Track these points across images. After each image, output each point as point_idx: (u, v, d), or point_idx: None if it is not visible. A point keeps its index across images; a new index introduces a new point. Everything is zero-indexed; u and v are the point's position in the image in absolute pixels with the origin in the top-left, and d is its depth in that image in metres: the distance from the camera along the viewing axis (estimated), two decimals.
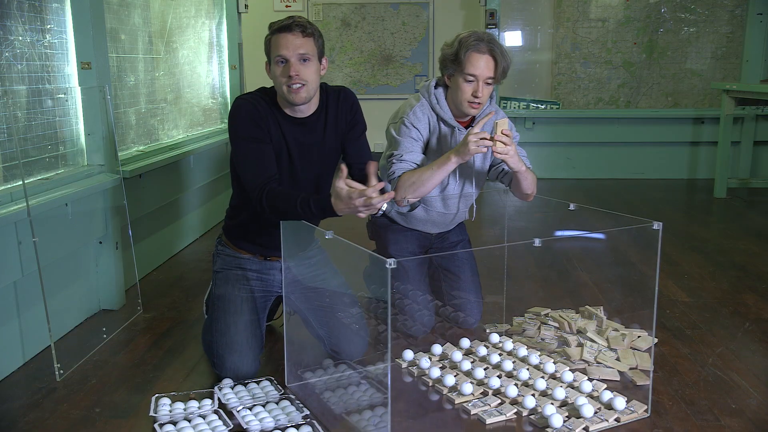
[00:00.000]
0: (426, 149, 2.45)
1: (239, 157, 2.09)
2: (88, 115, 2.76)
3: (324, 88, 2.20)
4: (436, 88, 2.44)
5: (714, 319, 2.71)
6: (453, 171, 2.33)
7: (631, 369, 2.25)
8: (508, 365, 2.22)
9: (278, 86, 2.07)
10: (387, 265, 1.54)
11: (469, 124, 2.45)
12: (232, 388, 2.07)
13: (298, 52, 2.02)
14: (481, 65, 2.28)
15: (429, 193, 2.37)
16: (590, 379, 2.15)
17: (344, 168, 1.88)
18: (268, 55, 2.09)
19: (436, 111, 2.42)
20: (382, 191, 1.84)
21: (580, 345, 2.38)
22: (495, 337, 2.46)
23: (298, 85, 2.03)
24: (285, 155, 2.14)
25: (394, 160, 2.38)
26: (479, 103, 2.34)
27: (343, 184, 1.84)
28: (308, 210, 1.92)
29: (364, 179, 2.24)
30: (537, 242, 1.86)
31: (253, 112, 2.07)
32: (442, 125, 2.43)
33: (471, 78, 2.29)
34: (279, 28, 2.03)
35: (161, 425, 1.87)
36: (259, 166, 2.05)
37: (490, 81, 2.32)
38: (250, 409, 1.95)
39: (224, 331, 2.12)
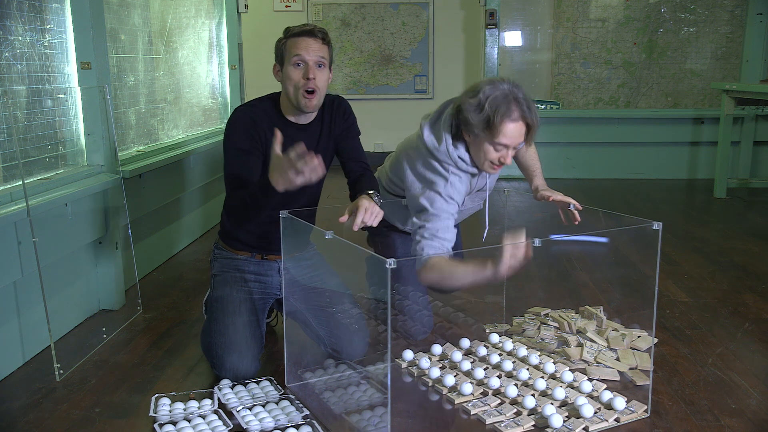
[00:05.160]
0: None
1: (227, 164, 2.17)
2: (88, 115, 2.76)
3: None
4: (455, 147, 2.20)
5: (714, 319, 2.71)
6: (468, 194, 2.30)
7: (630, 369, 2.25)
8: (507, 365, 2.22)
9: (291, 88, 2.09)
10: (387, 265, 1.54)
11: None
12: (232, 388, 2.07)
13: (318, 56, 2.07)
14: (516, 134, 2.08)
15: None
16: (590, 379, 2.15)
17: (278, 133, 1.89)
18: (281, 57, 2.12)
19: (457, 163, 2.21)
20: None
21: (580, 345, 2.38)
22: (495, 337, 2.46)
23: (312, 91, 2.07)
24: None
25: (425, 234, 2.13)
26: (501, 166, 2.17)
27: (278, 149, 1.85)
28: (255, 190, 1.96)
29: (357, 178, 2.26)
30: (537, 242, 1.86)
31: (249, 124, 2.12)
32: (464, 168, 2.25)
33: (501, 147, 2.11)
34: (301, 32, 2.08)
35: (161, 425, 1.87)
36: (241, 174, 2.10)
37: (518, 146, 2.14)
38: (250, 409, 1.95)
39: (223, 332, 2.12)
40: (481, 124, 2.08)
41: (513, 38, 6.33)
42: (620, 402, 1.96)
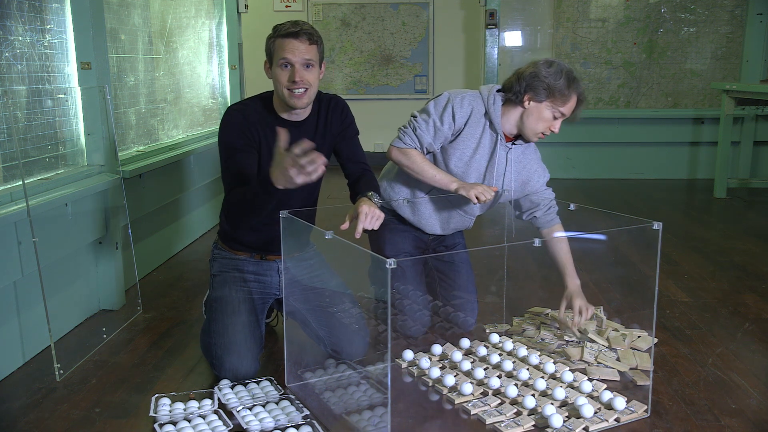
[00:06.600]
0: (458, 132, 2.41)
1: (222, 162, 2.17)
2: (88, 115, 2.76)
3: (317, 95, 2.23)
4: (498, 93, 2.40)
5: (714, 319, 2.71)
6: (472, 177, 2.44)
7: (631, 369, 2.25)
8: (508, 365, 2.22)
9: (279, 89, 2.09)
10: (387, 266, 1.54)
11: (512, 140, 2.43)
12: (232, 388, 2.07)
13: (304, 58, 2.05)
14: (573, 107, 2.33)
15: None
16: (590, 379, 2.15)
17: (282, 131, 1.83)
18: (270, 56, 2.11)
19: (489, 111, 2.38)
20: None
21: (580, 345, 2.38)
22: (495, 337, 2.46)
23: (301, 90, 2.06)
24: None
25: (411, 125, 2.39)
26: (544, 137, 2.37)
27: (283, 145, 1.82)
28: (255, 188, 1.94)
29: (357, 179, 2.26)
30: (537, 242, 1.87)
31: (242, 122, 2.11)
32: (488, 125, 2.40)
33: (559, 115, 2.32)
34: (286, 33, 2.05)
35: (161, 425, 1.87)
36: (238, 170, 2.09)
37: (565, 119, 2.37)
38: (250, 409, 1.95)
39: (222, 332, 2.12)
40: (557, 89, 2.27)
41: (513, 38, 6.33)
42: (620, 402, 1.96)
